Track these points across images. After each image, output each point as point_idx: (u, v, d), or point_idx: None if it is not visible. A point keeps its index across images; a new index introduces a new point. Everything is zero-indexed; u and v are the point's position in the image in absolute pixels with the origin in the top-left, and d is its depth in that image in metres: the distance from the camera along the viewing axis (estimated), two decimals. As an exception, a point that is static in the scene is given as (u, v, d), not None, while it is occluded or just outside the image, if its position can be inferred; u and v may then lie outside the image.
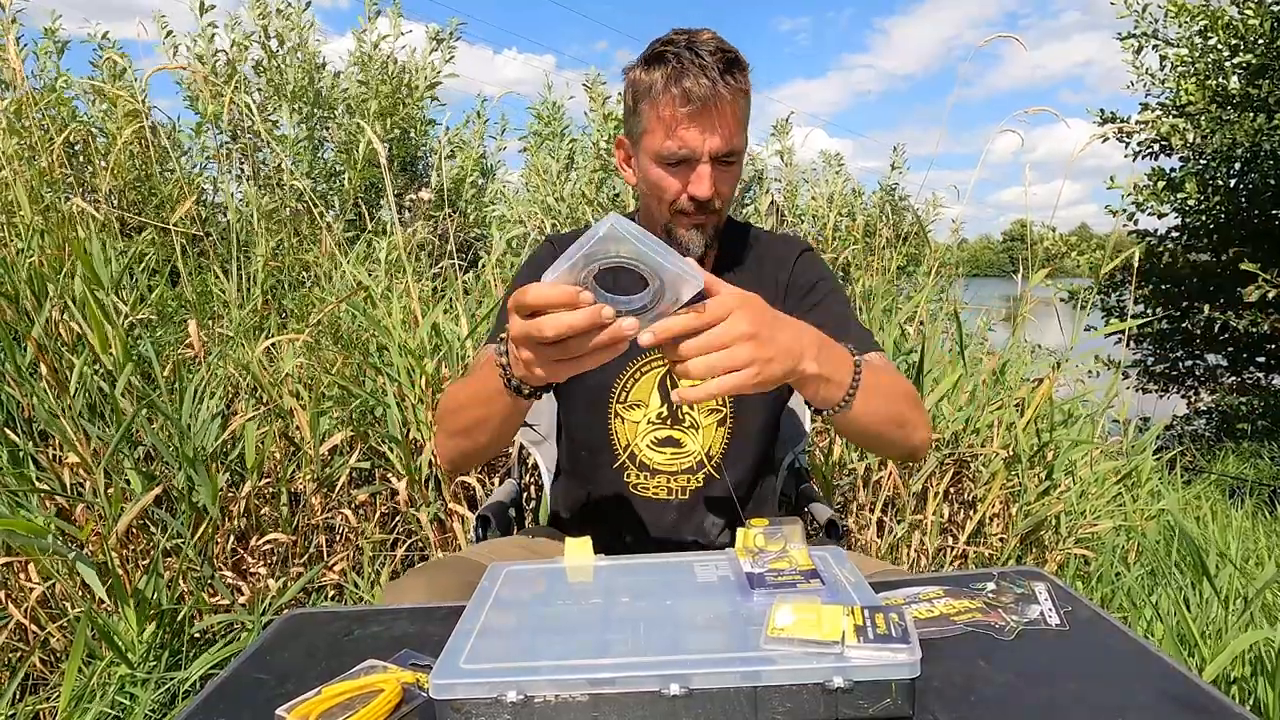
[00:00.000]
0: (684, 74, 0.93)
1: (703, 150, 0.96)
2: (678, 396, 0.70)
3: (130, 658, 1.39)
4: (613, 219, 0.59)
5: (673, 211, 1.02)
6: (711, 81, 0.92)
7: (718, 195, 1.00)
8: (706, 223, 1.02)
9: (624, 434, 1.08)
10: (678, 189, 0.99)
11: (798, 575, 0.69)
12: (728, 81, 0.93)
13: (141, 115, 2.55)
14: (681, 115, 0.94)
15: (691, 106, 0.93)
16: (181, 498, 1.59)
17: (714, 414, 1.07)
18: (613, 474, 1.08)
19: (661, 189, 1.00)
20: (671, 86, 0.94)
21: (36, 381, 1.62)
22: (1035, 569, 0.82)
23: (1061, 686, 0.61)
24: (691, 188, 0.98)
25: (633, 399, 1.07)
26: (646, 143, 0.99)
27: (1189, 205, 5.48)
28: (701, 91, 0.92)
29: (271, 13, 3.35)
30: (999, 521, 2.11)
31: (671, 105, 0.94)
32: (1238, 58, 5.00)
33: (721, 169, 0.99)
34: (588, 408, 1.10)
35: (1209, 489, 3.19)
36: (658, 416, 1.07)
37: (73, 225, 1.88)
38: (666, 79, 0.94)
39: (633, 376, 1.07)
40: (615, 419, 1.08)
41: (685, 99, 0.93)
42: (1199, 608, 1.78)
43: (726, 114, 0.95)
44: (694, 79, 0.92)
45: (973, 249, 16.73)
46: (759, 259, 1.12)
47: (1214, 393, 5.99)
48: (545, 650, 0.59)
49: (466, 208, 3.59)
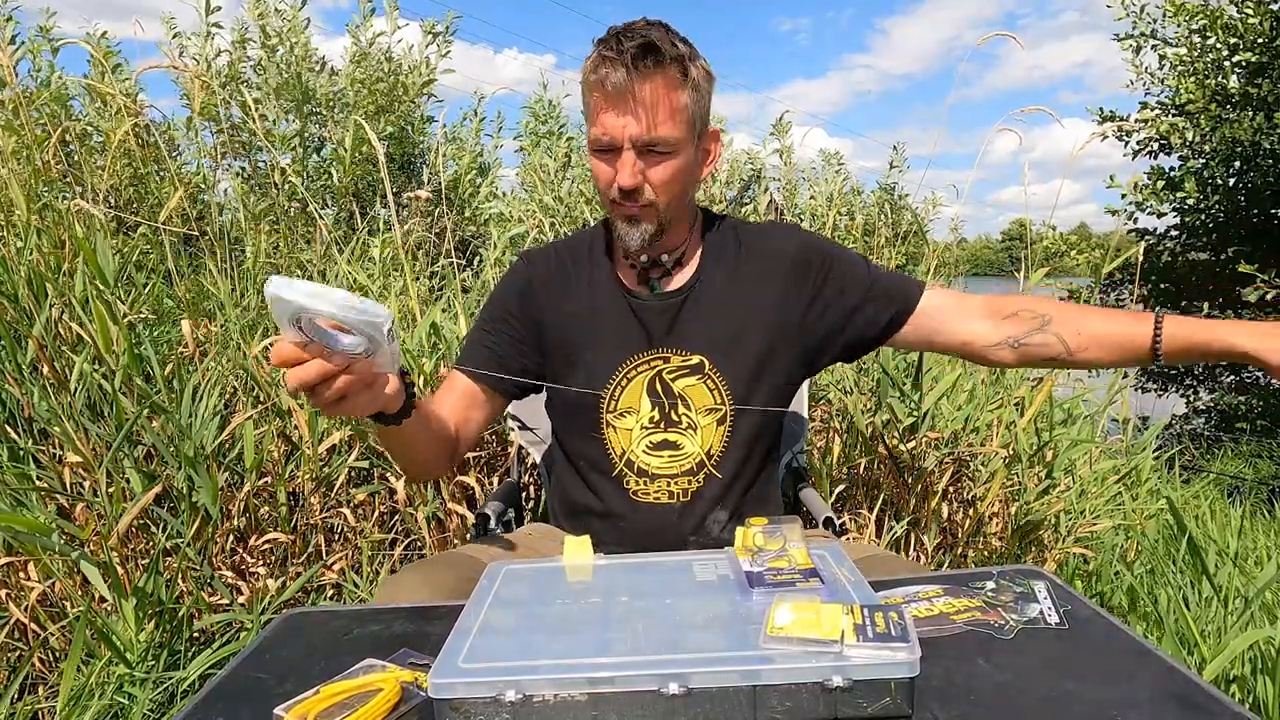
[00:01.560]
0: (603, 61, 0.95)
1: (622, 137, 0.96)
2: None
3: (129, 657, 1.39)
4: (270, 287, 0.62)
5: (610, 201, 1.02)
6: (625, 68, 0.93)
7: (649, 185, 0.99)
8: (642, 216, 1.01)
9: (618, 442, 1.07)
10: (608, 177, 0.99)
11: (797, 574, 0.69)
12: (638, 67, 0.93)
13: (136, 112, 2.54)
14: (600, 101, 0.96)
15: (605, 92, 0.95)
16: (181, 497, 1.59)
17: (712, 413, 1.06)
18: (611, 483, 1.07)
19: (596, 177, 1.02)
20: (592, 74, 0.96)
21: (36, 381, 1.61)
22: (1034, 568, 0.82)
23: (1061, 685, 0.60)
24: (618, 175, 0.98)
25: (623, 406, 1.06)
26: (587, 132, 1.01)
27: (1188, 204, 5.48)
28: (616, 78, 0.94)
29: (270, 11, 3.34)
30: (998, 521, 2.11)
31: (593, 92, 0.97)
32: (1237, 56, 5.00)
33: (652, 159, 0.98)
34: (579, 421, 1.09)
35: (1208, 488, 3.19)
36: (650, 421, 1.06)
37: (70, 224, 1.88)
38: (591, 66, 0.97)
39: (620, 384, 1.06)
40: (608, 429, 1.07)
41: (601, 85, 0.95)
42: (1199, 606, 1.78)
43: (643, 98, 0.95)
44: (610, 66, 0.94)
45: (972, 248, 16.76)
46: (748, 249, 1.10)
47: (1213, 392, 5.99)
48: (544, 649, 0.59)
49: (464, 206, 3.58)
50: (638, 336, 1.07)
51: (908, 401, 1.97)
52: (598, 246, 1.12)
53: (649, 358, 1.06)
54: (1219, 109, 5.07)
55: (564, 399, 1.10)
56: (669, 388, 1.06)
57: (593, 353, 1.08)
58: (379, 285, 2.21)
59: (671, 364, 1.06)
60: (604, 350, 1.07)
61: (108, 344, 1.61)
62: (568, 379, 1.08)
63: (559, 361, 1.10)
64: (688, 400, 1.06)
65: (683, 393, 1.06)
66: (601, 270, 1.11)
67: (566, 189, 3.20)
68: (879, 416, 2.04)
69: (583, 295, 1.10)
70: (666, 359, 1.06)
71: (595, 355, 1.07)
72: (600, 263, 1.11)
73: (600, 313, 1.08)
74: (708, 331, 1.06)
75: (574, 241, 1.16)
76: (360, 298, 0.63)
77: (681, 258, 1.09)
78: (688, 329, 1.06)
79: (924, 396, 1.96)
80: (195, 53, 3.24)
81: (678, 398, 1.06)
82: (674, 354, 1.06)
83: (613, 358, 1.07)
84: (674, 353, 1.06)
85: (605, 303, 1.09)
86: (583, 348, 1.08)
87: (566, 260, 1.13)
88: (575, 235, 1.18)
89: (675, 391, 1.06)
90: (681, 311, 1.07)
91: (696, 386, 1.06)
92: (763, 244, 1.11)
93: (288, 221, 2.69)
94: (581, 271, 1.11)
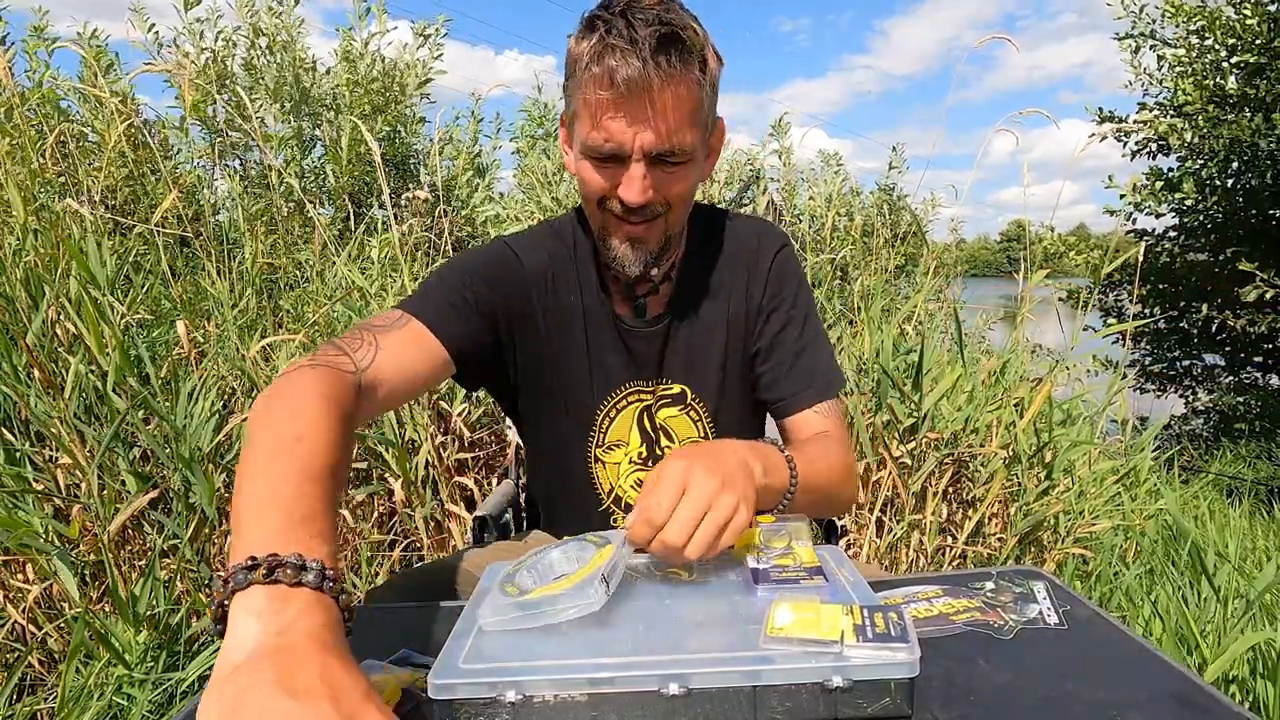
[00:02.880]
0: (610, 50, 0.76)
1: (632, 146, 0.79)
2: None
3: (127, 659, 1.39)
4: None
5: (603, 211, 0.86)
6: (642, 63, 0.75)
7: (660, 200, 0.84)
8: (648, 235, 0.86)
9: (606, 478, 1.01)
10: (603, 187, 0.83)
11: (802, 572, 0.69)
12: (660, 64, 0.75)
13: (129, 116, 2.54)
14: (606, 101, 0.77)
15: (616, 91, 0.76)
16: (178, 498, 1.58)
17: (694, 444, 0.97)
18: (598, 518, 1.01)
19: (587, 184, 0.85)
20: (594, 65, 0.77)
21: (31, 384, 1.61)
22: (1034, 568, 0.82)
23: (1060, 685, 0.60)
24: (621, 190, 0.82)
25: (611, 439, 0.99)
26: (578, 131, 0.83)
27: (1186, 205, 5.49)
28: (629, 74, 0.75)
29: (260, 10, 3.34)
30: (998, 521, 2.11)
31: (595, 87, 0.77)
32: (1235, 57, 5.01)
33: (665, 170, 0.82)
34: (568, 453, 1.00)
35: (1206, 488, 3.20)
36: (639, 456, 0.99)
37: (66, 225, 1.87)
38: (592, 54, 0.77)
39: (608, 416, 0.99)
40: (596, 464, 1.00)
41: (609, 81, 0.76)
42: (1198, 607, 1.78)
43: (663, 103, 0.77)
44: (621, 58, 0.75)
45: (970, 249, 16.75)
46: (736, 243, 0.99)
47: (1212, 392, 5.99)
48: (544, 650, 0.59)
49: (461, 206, 3.59)
50: (624, 364, 0.97)
51: (908, 402, 1.97)
52: (583, 250, 0.97)
53: (636, 388, 0.98)
54: (1217, 110, 5.08)
55: (550, 430, 1.01)
56: (653, 420, 0.99)
57: (577, 382, 0.97)
58: (376, 286, 2.21)
59: (656, 394, 0.99)
60: (591, 380, 0.97)
61: (100, 345, 1.61)
62: (550, 408, 0.98)
63: (533, 384, 0.98)
64: (670, 432, 1.00)
65: (665, 424, 1.00)
66: (588, 281, 0.97)
67: (564, 190, 3.21)
68: (879, 417, 2.04)
69: (574, 303, 0.97)
70: (652, 390, 0.99)
71: (580, 385, 0.98)
72: (586, 270, 0.97)
73: (590, 329, 0.97)
74: (688, 357, 0.98)
75: (558, 235, 0.99)
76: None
77: (670, 271, 0.98)
78: (672, 358, 0.98)
79: (924, 397, 1.96)
80: (187, 50, 3.23)
81: (660, 430, 1.00)
82: (658, 385, 0.99)
83: (600, 389, 0.98)
84: (659, 384, 0.99)
85: (595, 321, 0.97)
86: (566, 375, 0.97)
87: (557, 259, 0.97)
88: (556, 225, 1.00)
89: (658, 424, 0.99)
90: (668, 340, 0.98)
91: (679, 418, 0.99)
92: (748, 243, 1.00)
93: (283, 221, 2.69)
94: (571, 277, 0.97)
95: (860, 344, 2.31)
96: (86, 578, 1.56)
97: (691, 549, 0.65)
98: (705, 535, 0.65)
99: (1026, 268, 2.22)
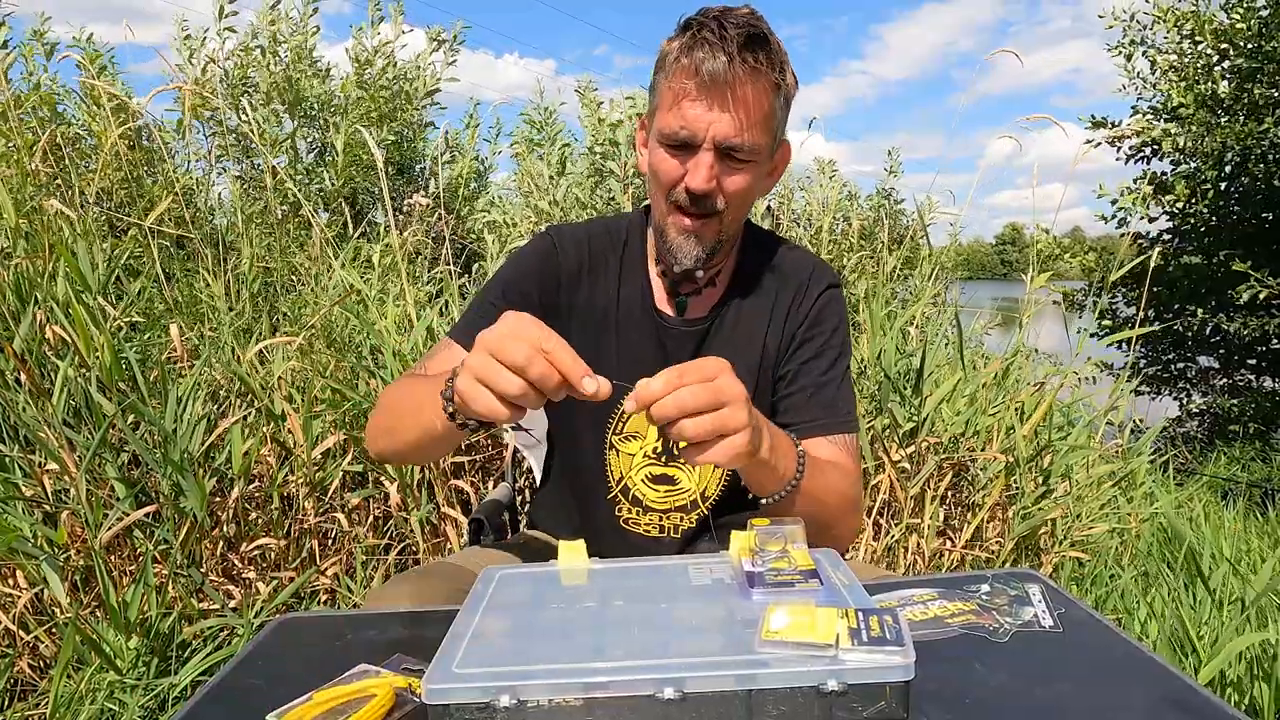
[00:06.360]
0: (700, 43, 0.84)
1: (705, 133, 0.86)
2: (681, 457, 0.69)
3: (119, 664, 1.38)
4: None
5: (669, 203, 0.92)
6: (728, 58, 0.82)
7: (721, 193, 0.89)
8: (705, 231, 0.91)
9: (619, 466, 1.01)
10: (675, 175, 0.89)
11: (797, 575, 0.68)
12: (745, 59, 0.83)
13: (125, 120, 2.53)
14: (689, 88, 0.85)
15: (699, 79, 0.84)
16: (168, 502, 1.57)
17: None
18: (604, 506, 1.03)
19: (657, 172, 0.91)
20: (684, 56, 0.85)
21: (19, 389, 1.60)
22: (1029, 571, 0.82)
23: (1055, 688, 0.60)
24: (689, 176, 0.87)
25: (629, 429, 1.00)
26: (657, 119, 0.91)
27: (1179, 208, 5.51)
28: (714, 66, 0.83)
29: (282, 17, 3.34)
30: (996, 525, 2.11)
31: (681, 76, 0.85)
32: (1226, 62, 5.04)
33: (730, 165, 0.88)
34: (585, 435, 1.02)
35: (1201, 490, 3.20)
36: (654, 451, 1.00)
37: (58, 228, 1.86)
38: (682, 48, 0.86)
39: None
40: (610, 450, 1.01)
41: (695, 70, 0.84)
42: (1193, 609, 1.78)
43: (742, 97, 0.84)
44: (709, 50, 0.83)
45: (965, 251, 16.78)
46: (789, 271, 1.02)
47: (1206, 395, 6.01)
48: (539, 654, 0.59)
49: (462, 211, 3.59)
50: (656, 360, 0.99)
51: (908, 406, 1.97)
52: (635, 245, 1.02)
53: None
54: (1209, 114, 5.11)
55: (574, 406, 1.04)
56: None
57: (607, 366, 1.01)
58: (376, 290, 2.20)
59: None
60: (620, 366, 0.99)
61: (89, 348, 1.60)
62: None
63: None
64: None
65: None
66: (633, 275, 1.01)
67: (561, 194, 3.21)
68: (879, 421, 2.04)
69: (609, 299, 1.01)
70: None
71: (610, 370, 1.01)
72: (633, 265, 1.02)
73: (624, 325, 1.00)
74: None
75: (609, 231, 1.05)
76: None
77: (716, 277, 1.01)
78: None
79: (925, 401, 1.96)
80: (208, 53, 3.23)
81: None
82: None
83: (628, 376, 1.00)
84: None
85: (631, 315, 1.00)
86: (596, 358, 1.01)
87: (598, 253, 1.02)
88: (611, 222, 1.07)
89: None
90: (704, 343, 1.00)
91: None
92: (797, 275, 1.02)
93: (280, 224, 2.69)
94: (611, 271, 1.01)
95: (861, 347, 2.31)
96: (77, 583, 1.55)
97: (691, 427, 0.66)
98: (706, 421, 0.66)
99: (1021, 271, 2.23)
